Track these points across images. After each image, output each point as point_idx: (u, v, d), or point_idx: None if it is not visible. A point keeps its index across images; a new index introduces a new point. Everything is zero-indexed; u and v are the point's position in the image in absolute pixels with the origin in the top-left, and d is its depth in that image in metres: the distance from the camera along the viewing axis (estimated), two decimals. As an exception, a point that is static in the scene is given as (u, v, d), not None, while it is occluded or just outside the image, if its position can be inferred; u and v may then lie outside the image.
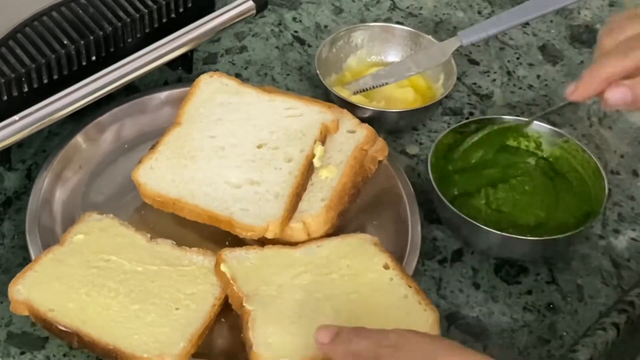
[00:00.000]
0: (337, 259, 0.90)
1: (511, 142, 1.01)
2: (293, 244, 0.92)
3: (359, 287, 0.88)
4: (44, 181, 0.97)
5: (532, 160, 1.00)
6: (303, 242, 0.92)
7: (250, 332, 0.83)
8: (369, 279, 0.88)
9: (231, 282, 0.87)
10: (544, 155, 1.00)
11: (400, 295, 0.87)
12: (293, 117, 1.00)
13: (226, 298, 0.88)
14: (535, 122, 1.01)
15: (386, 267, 0.90)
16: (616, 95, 0.84)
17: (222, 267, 0.88)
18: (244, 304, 0.85)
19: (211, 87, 1.03)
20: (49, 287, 0.87)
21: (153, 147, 0.98)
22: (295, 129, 0.98)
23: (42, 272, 0.88)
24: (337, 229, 0.95)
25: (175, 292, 0.88)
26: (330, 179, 0.96)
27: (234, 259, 0.89)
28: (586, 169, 0.98)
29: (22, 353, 0.88)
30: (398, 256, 0.93)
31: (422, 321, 0.85)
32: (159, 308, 0.86)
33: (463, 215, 0.93)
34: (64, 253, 0.90)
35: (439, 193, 0.94)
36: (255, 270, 0.89)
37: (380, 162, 0.99)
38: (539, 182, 0.98)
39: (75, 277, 0.88)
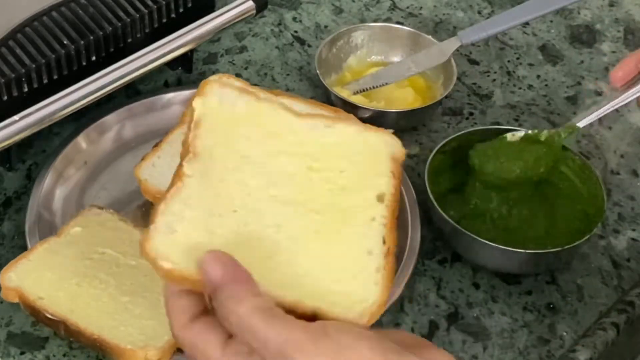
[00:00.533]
0: (335, 157, 0.68)
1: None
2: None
3: (330, 205, 0.67)
4: (45, 181, 0.97)
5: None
6: (314, 116, 0.70)
7: (162, 204, 0.64)
8: (349, 205, 0.67)
9: (192, 125, 0.68)
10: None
11: (363, 249, 0.66)
12: None
13: None
14: (513, 128, 1.00)
15: (380, 199, 0.68)
16: None
17: (195, 102, 0.68)
18: (184, 163, 0.66)
19: None
20: (41, 275, 0.87)
21: (157, 144, 0.98)
22: None
23: (36, 261, 0.88)
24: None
25: None
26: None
27: (216, 96, 0.70)
28: (571, 167, 0.97)
29: (22, 353, 0.88)
30: (398, 257, 0.92)
31: (366, 279, 0.64)
32: (148, 301, 0.86)
33: (467, 232, 0.92)
34: (60, 244, 0.90)
35: (440, 210, 0.93)
36: (232, 121, 0.69)
37: None
38: (534, 193, 0.97)
39: (68, 268, 0.88)
